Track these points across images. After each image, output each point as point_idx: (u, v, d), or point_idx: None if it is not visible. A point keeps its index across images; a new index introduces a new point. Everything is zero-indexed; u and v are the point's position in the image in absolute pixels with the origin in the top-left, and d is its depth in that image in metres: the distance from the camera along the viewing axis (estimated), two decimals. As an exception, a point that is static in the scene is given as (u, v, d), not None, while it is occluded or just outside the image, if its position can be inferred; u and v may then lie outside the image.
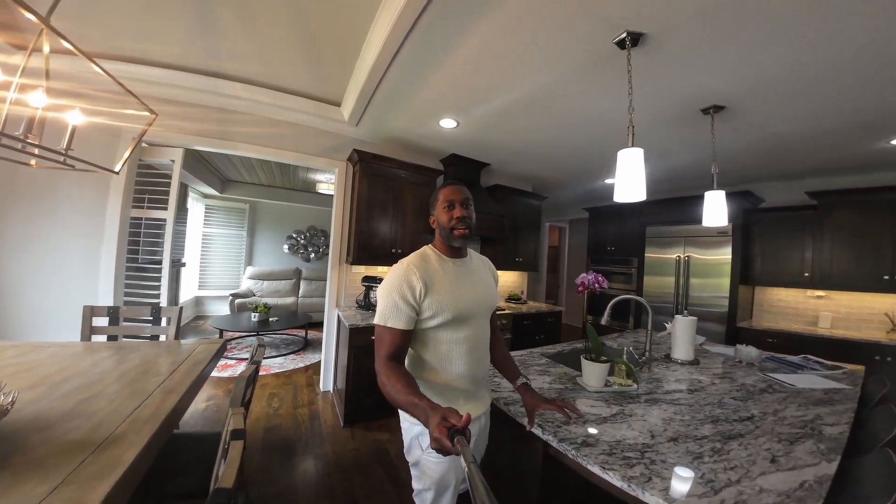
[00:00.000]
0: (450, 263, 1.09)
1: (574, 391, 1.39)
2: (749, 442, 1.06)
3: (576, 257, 6.84)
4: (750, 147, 2.83)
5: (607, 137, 2.74)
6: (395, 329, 0.96)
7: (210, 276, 6.10)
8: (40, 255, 2.25)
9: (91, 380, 1.25)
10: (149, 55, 2.11)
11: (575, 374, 1.57)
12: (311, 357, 4.08)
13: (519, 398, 1.23)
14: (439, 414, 0.71)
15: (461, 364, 1.04)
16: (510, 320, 3.30)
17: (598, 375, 1.39)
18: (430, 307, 0.99)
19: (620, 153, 1.49)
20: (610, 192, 4.78)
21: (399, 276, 0.99)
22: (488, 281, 1.19)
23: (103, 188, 2.36)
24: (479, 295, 1.10)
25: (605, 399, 1.32)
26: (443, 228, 1.07)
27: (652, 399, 1.35)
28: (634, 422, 1.15)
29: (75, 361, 1.40)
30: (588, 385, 1.41)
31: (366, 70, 1.99)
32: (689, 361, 1.86)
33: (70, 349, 1.54)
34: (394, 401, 0.87)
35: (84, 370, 1.33)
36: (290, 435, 2.41)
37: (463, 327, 1.04)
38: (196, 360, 1.50)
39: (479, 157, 3.50)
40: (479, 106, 2.35)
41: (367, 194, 2.88)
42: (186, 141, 2.54)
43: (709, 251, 3.63)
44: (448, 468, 0.97)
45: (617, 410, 1.23)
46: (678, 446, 1.01)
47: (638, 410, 1.24)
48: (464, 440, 0.66)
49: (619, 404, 1.28)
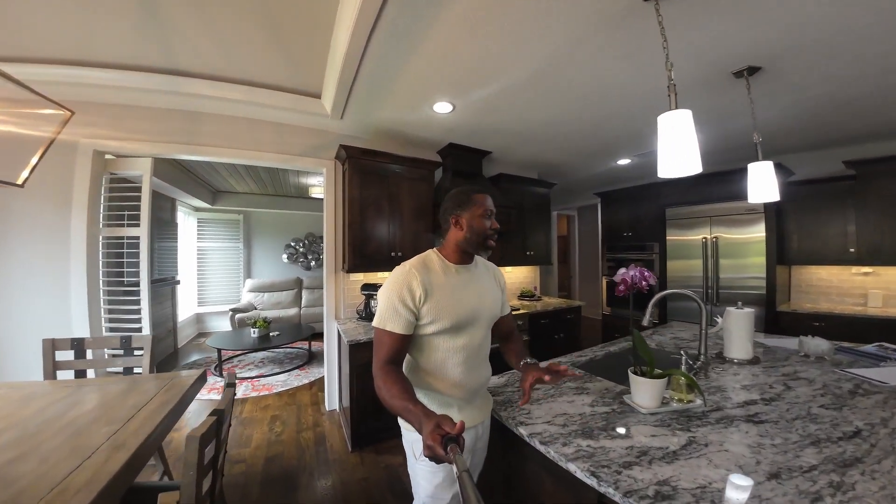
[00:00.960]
0: (452, 270, 1.06)
1: (624, 414, 1.12)
2: (873, 468, 0.80)
3: (587, 246, 6.53)
4: (784, 114, 2.52)
5: (624, 110, 2.45)
6: (394, 333, 0.95)
7: (209, 292, 5.90)
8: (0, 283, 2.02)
9: (28, 432, 1.02)
10: (94, 56, 1.86)
11: (620, 390, 1.29)
12: (317, 371, 3.85)
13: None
14: (433, 421, 0.71)
15: (457, 372, 1.02)
16: (526, 320, 3.02)
17: (654, 394, 1.11)
18: (429, 313, 0.98)
19: (662, 118, 1.21)
20: (624, 174, 4.56)
21: (400, 279, 0.98)
22: (492, 288, 1.14)
23: (63, 204, 2.12)
24: (481, 303, 1.07)
25: (665, 423, 1.05)
26: (477, 235, 1.04)
27: (724, 417, 1.07)
28: (714, 454, 0.88)
29: (19, 408, 1.17)
30: (640, 405, 1.13)
31: (342, 49, 1.72)
32: (748, 361, 1.58)
33: (22, 391, 1.31)
34: (389, 406, 0.86)
35: (23, 420, 1.09)
36: (293, 465, 2.17)
37: (460, 335, 1.02)
38: (163, 401, 1.25)
39: (480, 146, 3.22)
40: (476, 83, 2.07)
41: (360, 194, 2.62)
42: (153, 149, 2.30)
43: (738, 230, 3.32)
44: (440, 482, 0.96)
45: (687, 439, 0.95)
46: (784, 486, 0.75)
47: (713, 436, 0.97)
48: (457, 448, 0.65)
49: (685, 428, 1.01)
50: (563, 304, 3.46)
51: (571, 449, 0.92)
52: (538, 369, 1.05)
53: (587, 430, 1.01)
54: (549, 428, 1.03)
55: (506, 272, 3.81)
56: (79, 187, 2.15)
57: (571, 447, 0.92)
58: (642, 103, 2.31)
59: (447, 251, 1.08)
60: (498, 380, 1.41)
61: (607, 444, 0.93)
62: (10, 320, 2.04)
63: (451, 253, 1.08)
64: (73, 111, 1.15)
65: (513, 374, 1.46)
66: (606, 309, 4.54)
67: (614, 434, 0.98)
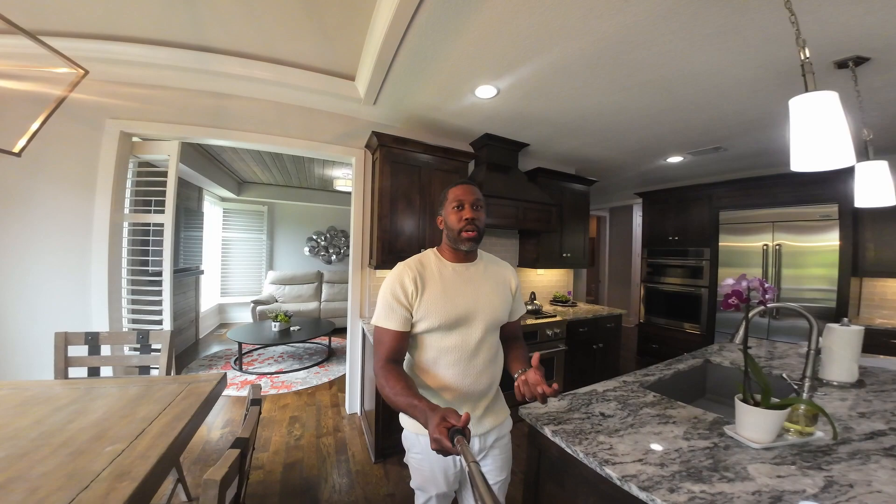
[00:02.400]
0: (449, 268, 1.05)
1: (730, 449, 0.91)
2: None
3: (618, 249, 6.17)
4: (885, 112, 2.17)
5: (697, 99, 2.16)
6: (391, 330, 0.96)
7: (232, 283, 5.91)
8: (17, 273, 1.94)
9: (22, 450, 0.87)
10: (122, 30, 1.74)
11: (713, 419, 1.07)
12: (336, 370, 3.72)
13: None
14: (438, 414, 0.71)
15: (449, 373, 1.00)
16: (563, 328, 2.77)
17: (770, 426, 0.91)
18: (419, 310, 0.98)
19: (795, 102, 0.98)
20: (670, 173, 4.17)
21: (394, 276, 1.00)
22: (497, 291, 1.09)
23: (87, 189, 2.03)
24: (477, 303, 1.03)
25: (786, 460, 0.85)
26: (451, 230, 1.03)
27: (856, 452, 0.87)
28: (865, 496, 0.70)
29: (18, 415, 1.03)
30: (751, 439, 0.92)
31: (384, 21, 1.53)
32: (851, 384, 1.35)
33: (25, 392, 1.18)
34: (393, 403, 0.86)
35: (20, 431, 0.95)
36: (313, 475, 2.02)
37: (451, 334, 1.00)
38: (177, 413, 1.10)
39: (517, 137, 2.98)
40: (528, 64, 1.84)
41: (390, 185, 2.44)
42: (180, 132, 2.18)
43: (807, 237, 2.96)
44: (427, 477, 1.00)
45: (824, 480, 0.76)
46: None
47: (853, 475, 0.78)
48: (464, 440, 0.65)
49: (814, 466, 0.82)
50: (602, 311, 3.19)
51: (683, 497, 0.72)
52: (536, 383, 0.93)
53: (693, 470, 0.82)
54: (644, 469, 0.83)
55: (538, 274, 3.56)
56: (103, 171, 2.05)
57: (682, 494, 0.73)
58: (721, 91, 2.03)
59: (443, 250, 1.09)
60: (559, 402, 1.20)
61: (726, 490, 0.74)
62: (27, 311, 1.96)
63: (446, 251, 1.08)
64: (87, 70, 1.00)
65: (574, 398, 1.25)
66: (643, 316, 4.23)
67: (729, 475, 0.80)
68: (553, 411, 1.14)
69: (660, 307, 4.00)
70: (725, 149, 3.02)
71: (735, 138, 2.78)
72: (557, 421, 1.08)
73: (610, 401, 1.24)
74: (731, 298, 0.95)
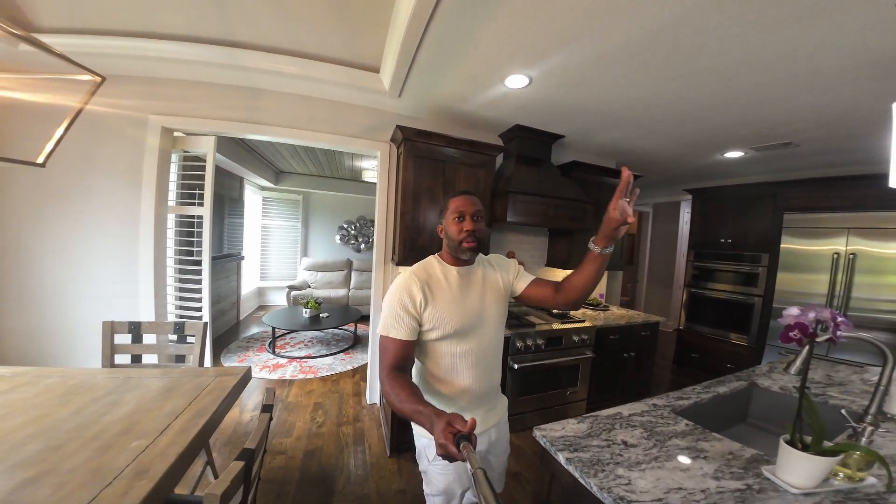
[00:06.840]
0: (454, 273, 1.07)
1: (765, 493, 0.80)
2: None
3: (661, 248, 5.73)
4: None
5: (772, 90, 1.88)
6: (398, 339, 0.96)
7: (270, 268, 6.25)
8: (74, 263, 2.14)
9: (57, 442, 0.93)
10: (155, 28, 1.80)
11: (750, 455, 0.95)
12: (360, 357, 3.83)
13: None
14: (444, 420, 0.70)
15: (466, 377, 1.03)
16: (592, 335, 2.62)
17: (817, 473, 0.80)
18: (430, 319, 0.98)
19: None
20: (725, 169, 3.76)
21: (400, 285, 0.99)
22: (496, 286, 1.12)
23: (134, 183, 2.17)
24: (485, 305, 1.07)
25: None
26: (451, 240, 1.05)
27: None
28: None
29: (60, 405, 1.11)
30: (791, 484, 0.81)
31: (407, 11, 1.44)
32: None
33: (72, 380, 1.27)
34: (399, 410, 0.86)
35: (58, 422, 1.02)
36: (330, 465, 2.09)
37: (466, 340, 1.02)
38: (200, 409, 1.15)
39: (551, 128, 2.79)
40: (566, 51, 1.67)
41: (414, 180, 2.39)
42: (215, 127, 2.26)
43: (888, 244, 2.55)
44: (452, 479, 1.01)
45: None
46: None
47: None
48: (469, 446, 0.65)
49: None
50: (637, 317, 2.97)
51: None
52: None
53: (720, 522, 0.71)
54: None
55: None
56: (148, 165, 2.19)
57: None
58: (798, 82, 1.76)
59: (445, 256, 1.10)
60: (578, 425, 1.12)
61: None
62: (82, 299, 2.16)
63: (448, 258, 1.09)
64: (104, 76, 1.02)
65: (596, 421, 1.15)
66: (683, 323, 3.91)
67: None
68: (570, 436, 1.06)
69: (704, 314, 3.67)
70: (797, 144, 2.64)
71: (810, 132, 2.41)
72: (574, 447, 1.00)
73: (635, 427, 1.13)
74: (792, 331, 0.80)
